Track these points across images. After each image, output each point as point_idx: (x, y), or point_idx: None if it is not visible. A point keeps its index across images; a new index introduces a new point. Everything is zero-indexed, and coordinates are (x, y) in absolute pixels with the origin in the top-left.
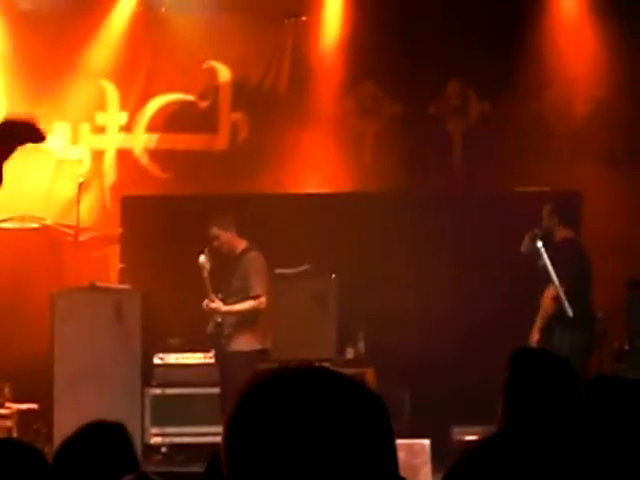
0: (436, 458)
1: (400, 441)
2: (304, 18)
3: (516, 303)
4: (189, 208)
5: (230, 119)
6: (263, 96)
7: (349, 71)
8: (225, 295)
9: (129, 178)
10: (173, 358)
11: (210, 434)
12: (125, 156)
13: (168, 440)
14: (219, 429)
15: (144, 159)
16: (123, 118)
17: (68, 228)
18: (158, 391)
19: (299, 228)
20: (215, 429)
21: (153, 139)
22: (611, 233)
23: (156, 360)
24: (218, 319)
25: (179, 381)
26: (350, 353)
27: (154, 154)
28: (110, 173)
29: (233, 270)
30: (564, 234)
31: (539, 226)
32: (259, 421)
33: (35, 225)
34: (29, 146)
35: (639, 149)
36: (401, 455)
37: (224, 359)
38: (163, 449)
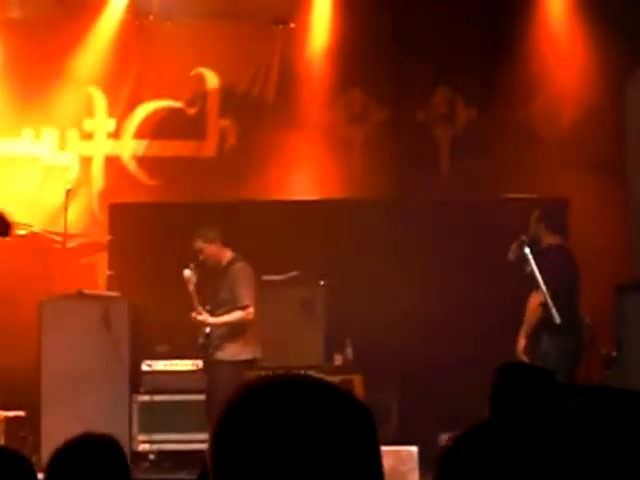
0: (424, 465)
1: (388, 448)
2: (292, 25)
3: (504, 310)
4: (177, 215)
5: (218, 126)
6: (251, 103)
7: (337, 78)
8: (213, 307)
9: (117, 185)
10: (161, 365)
11: (198, 441)
12: (113, 163)
13: (156, 447)
14: (207, 436)
15: (132, 166)
16: (111, 125)
17: (56, 235)
18: (146, 398)
19: (287, 235)
20: (203, 436)
21: (141, 146)
22: (598, 239)
23: (144, 367)
24: (206, 331)
25: (167, 388)
26: (338, 360)
27: (142, 161)
28: (98, 180)
29: (220, 282)
30: (551, 240)
31: (526, 233)
32: (245, 430)
33: (22, 232)
34: (17, 152)
35: (626, 155)
36: (389, 462)
37: (212, 368)
38: (151, 456)
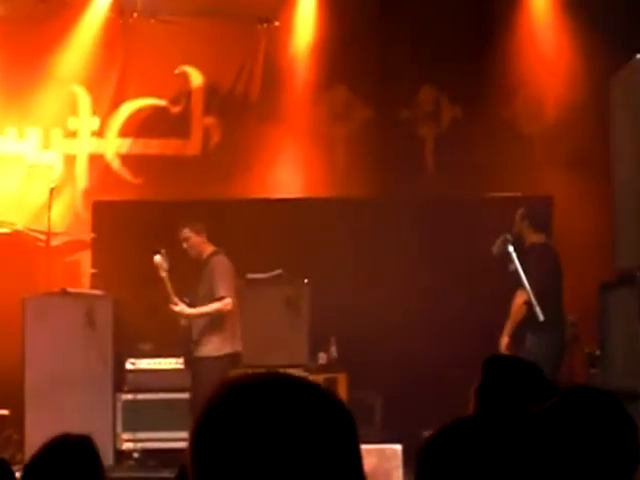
0: (408, 463)
1: (372, 446)
2: (277, 23)
3: (489, 308)
4: (161, 213)
5: (202, 124)
6: (235, 101)
7: (321, 76)
8: (192, 300)
9: (101, 183)
10: (145, 363)
11: (182, 439)
12: (97, 161)
13: (140, 445)
14: None
15: (116, 164)
16: (95, 123)
17: (39, 233)
18: (130, 396)
19: (271, 233)
20: (187, 435)
21: (125, 144)
22: (582, 237)
23: (128, 365)
24: (182, 322)
25: (151, 386)
26: (322, 358)
27: (126, 159)
28: (82, 178)
29: (200, 275)
30: (534, 239)
31: (510, 230)
32: (225, 429)
33: (6, 230)
34: (0, 151)
35: (609, 153)
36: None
37: (194, 365)
38: (135, 454)
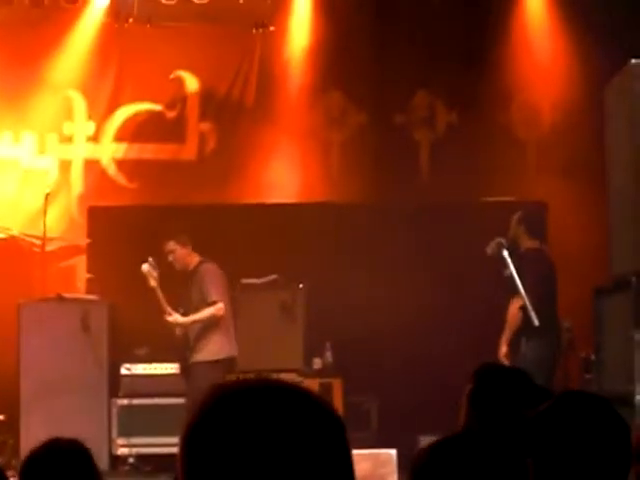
0: (403, 468)
1: (367, 451)
2: (272, 28)
3: (484, 313)
4: (157, 218)
5: (198, 129)
6: (231, 106)
7: (316, 81)
8: (186, 310)
9: (96, 188)
10: (140, 369)
11: (177, 445)
12: (92, 166)
13: (135, 451)
14: None
15: (111, 169)
16: (90, 128)
17: (35, 238)
18: (125, 402)
19: (266, 238)
20: None
21: (121, 149)
22: (577, 242)
23: (123, 370)
24: (177, 332)
25: (146, 391)
26: (318, 363)
27: (122, 164)
28: (77, 183)
29: (190, 285)
30: (529, 244)
31: (506, 234)
32: (215, 435)
33: (1, 235)
34: None
35: (604, 159)
36: (367, 465)
37: (190, 370)
38: (130, 460)
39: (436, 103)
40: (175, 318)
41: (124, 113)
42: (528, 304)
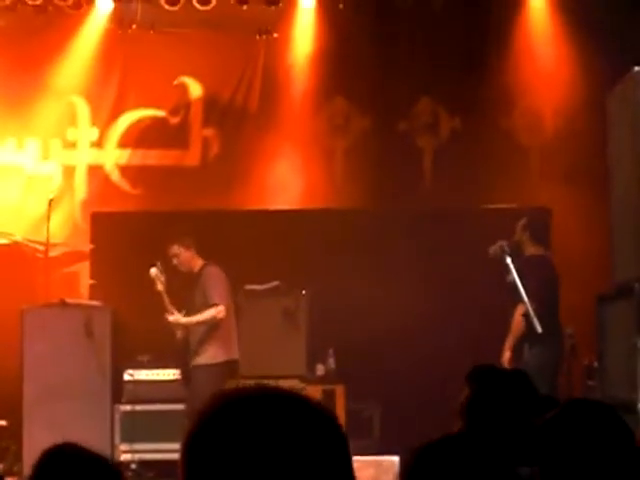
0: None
1: (369, 458)
2: (275, 35)
3: (487, 319)
4: (160, 224)
5: (201, 135)
6: (234, 112)
7: (320, 88)
8: (189, 312)
9: (100, 194)
10: (143, 374)
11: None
12: (96, 172)
13: (138, 457)
14: None
15: (115, 175)
16: (94, 134)
17: (38, 244)
18: (128, 407)
19: (270, 244)
20: None
21: (124, 155)
22: (580, 249)
23: (126, 376)
24: (178, 335)
25: (149, 397)
26: (320, 370)
27: (125, 170)
28: (81, 189)
29: (194, 288)
30: (533, 251)
31: (511, 240)
32: (216, 442)
33: (5, 241)
34: None
35: (607, 165)
36: (370, 471)
37: (191, 373)
38: (133, 466)
39: (439, 109)
40: (177, 318)
41: (128, 119)
42: (531, 311)
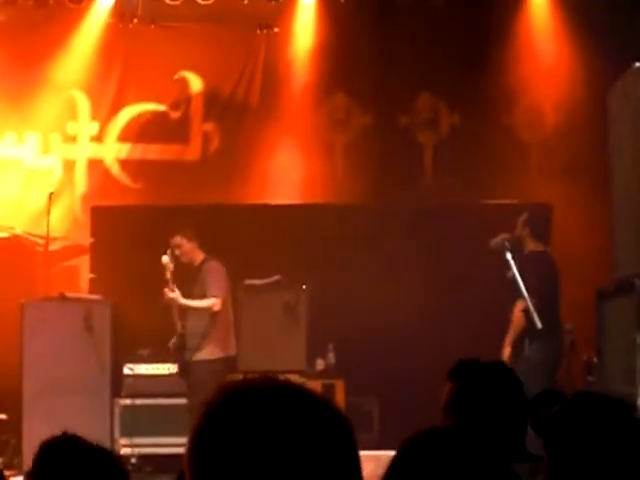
0: None
1: (369, 452)
2: (276, 29)
3: (488, 315)
4: (160, 218)
5: (202, 129)
6: (235, 107)
7: (320, 83)
8: None
9: (100, 188)
10: (143, 369)
11: (180, 445)
12: (96, 166)
13: (137, 451)
14: None
15: (115, 169)
16: (94, 128)
17: (38, 238)
18: (128, 402)
19: (270, 239)
20: (185, 440)
21: (124, 149)
22: (580, 244)
23: (126, 371)
24: (179, 330)
25: (149, 392)
26: (320, 364)
27: (125, 164)
28: (81, 183)
29: (194, 280)
30: (533, 246)
31: (512, 235)
32: (224, 435)
33: (5, 235)
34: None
35: (608, 161)
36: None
37: (189, 369)
38: (132, 460)
39: (440, 105)
40: (176, 296)
41: (128, 113)
42: (531, 306)
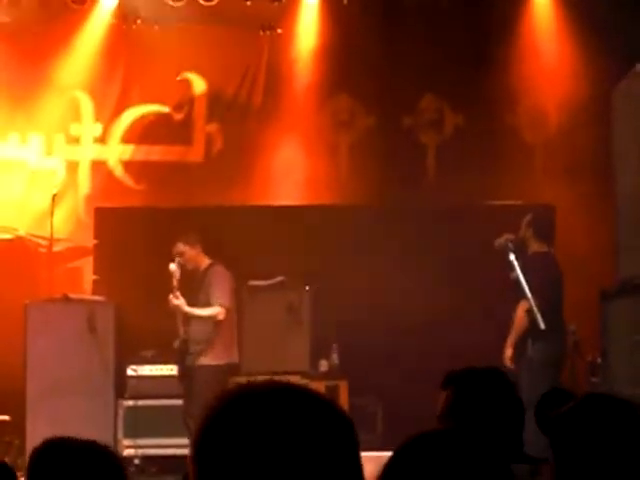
0: None
1: (371, 453)
2: (279, 30)
3: (492, 316)
4: (163, 220)
5: (205, 131)
6: (238, 108)
7: (324, 84)
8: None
9: (103, 189)
10: (146, 370)
11: (183, 446)
12: (99, 167)
13: (141, 452)
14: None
15: (118, 170)
16: (98, 129)
17: (42, 239)
18: (131, 403)
19: (273, 240)
20: (188, 441)
21: (128, 150)
22: (584, 245)
23: (129, 372)
24: (182, 335)
25: (152, 393)
26: (324, 365)
27: (129, 165)
28: (84, 184)
29: (199, 286)
30: (537, 247)
31: (516, 235)
32: (228, 438)
33: (8, 236)
34: (3, 157)
35: (612, 161)
36: (372, 467)
37: (190, 374)
38: (136, 461)
39: (443, 106)
40: (180, 303)
41: (131, 115)
42: (534, 307)
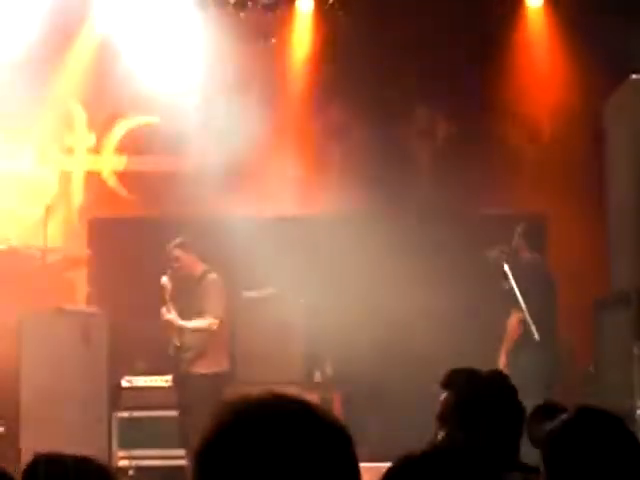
0: None
1: (367, 464)
2: (273, 40)
3: (486, 325)
4: (157, 230)
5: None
6: None
7: (318, 92)
8: (182, 313)
9: (97, 200)
10: (141, 381)
11: (178, 457)
12: (93, 178)
13: (135, 463)
14: (186, 452)
15: (112, 181)
16: (91, 140)
17: (35, 249)
18: (125, 414)
19: (266, 251)
20: (182, 452)
21: (121, 161)
22: (577, 255)
23: (123, 383)
24: (176, 343)
25: (146, 404)
26: (317, 377)
27: (122, 176)
28: (78, 195)
29: (193, 292)
30: (529, 257)
31: (508, 245)
32: (228, 451)
33: (2, 246)
34: None
35: (604, 173)
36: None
37: (184, 382)
38: (130, 472)
39: (436, 115)
40: (173, 317)
41: (125, 125)
42: (528, 318)
